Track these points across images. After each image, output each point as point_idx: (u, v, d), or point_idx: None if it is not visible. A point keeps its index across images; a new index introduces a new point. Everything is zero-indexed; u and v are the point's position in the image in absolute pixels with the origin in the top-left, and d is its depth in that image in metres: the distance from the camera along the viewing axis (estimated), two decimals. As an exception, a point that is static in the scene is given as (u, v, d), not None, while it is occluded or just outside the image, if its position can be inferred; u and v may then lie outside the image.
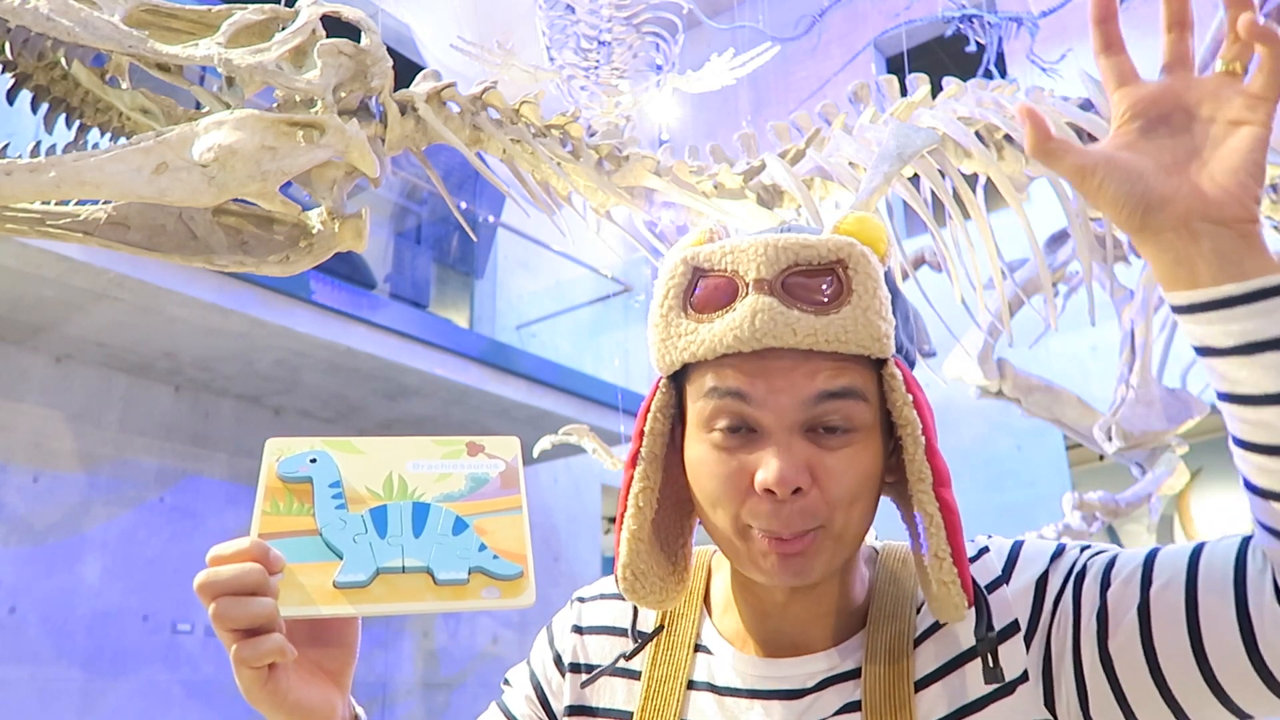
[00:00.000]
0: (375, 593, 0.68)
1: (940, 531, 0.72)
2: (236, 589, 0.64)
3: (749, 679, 0.80)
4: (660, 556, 0.82)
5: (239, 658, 0.65)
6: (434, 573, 0.69)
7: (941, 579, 0.72)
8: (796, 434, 0.72)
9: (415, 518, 0.72)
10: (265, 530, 0.70)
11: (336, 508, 0.72)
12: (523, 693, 0.93)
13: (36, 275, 4.48)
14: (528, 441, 5.03)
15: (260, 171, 1.73)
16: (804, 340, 0.71)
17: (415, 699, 7.05)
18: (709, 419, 0.75)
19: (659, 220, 2.57)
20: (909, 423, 0.73)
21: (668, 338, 0.76)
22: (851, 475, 0.73)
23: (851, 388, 0.73)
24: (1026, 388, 3.79)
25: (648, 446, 0.78)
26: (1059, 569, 0.76)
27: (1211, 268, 0.61)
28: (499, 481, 0.76)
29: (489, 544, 0.71)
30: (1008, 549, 0.80)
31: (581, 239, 2.82)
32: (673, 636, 0.86)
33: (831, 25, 7.37)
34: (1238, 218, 0.60)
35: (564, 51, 3.98)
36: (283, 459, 0.74)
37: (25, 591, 5.13)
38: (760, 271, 0.72)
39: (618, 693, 0.85)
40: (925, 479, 0.73)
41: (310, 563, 0.68)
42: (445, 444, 0.78)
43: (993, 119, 2.64)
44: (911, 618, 0.79)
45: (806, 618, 0.80)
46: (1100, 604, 0.71)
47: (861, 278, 0.72)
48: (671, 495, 0.83)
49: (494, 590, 0.69)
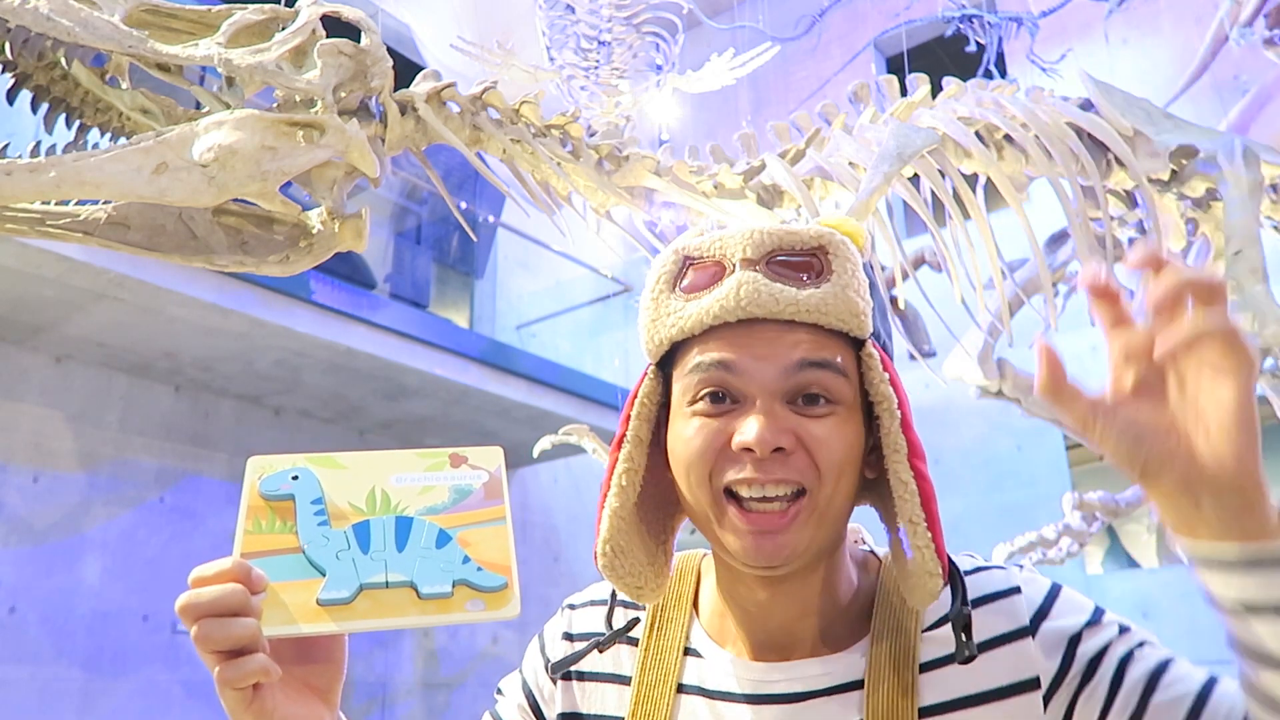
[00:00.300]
0: (359, 609, 0.68)
1: (915, 498, 0.73)
2: (219, 610, 0.64)
3: (740, 682, 0.80)
4: (643, 540, 0.82)
5: (223, 679, 0.65)
6: (418, 587, 0.68)
7: (916, 544, 0.72)
8: (778, 401, 0.74)
9: (398, 532, 0.72)
10: (248, 549, 0.70)
11: (319, 524, 0.72)
12: (515, 701, 0.93)
13: (36, 275, 4.49)
14: (528, 441, 5.00)
15: (260, 171, 1.73)
16: (786, 310, 0.74)
17: (415, 699, 7.05)
18: (694, 392, 0.76)
19: (659, 220, 2.57)
20: (886, 398, 0.75)
21: (657, 318, 0.79)
22: (837, 442, 0.74)
23: (832, 361, 0.75)
24: (1026, 388, 3.79)
25: (633, 430, 0.80)
26: (1097, 637, 0.75)
27: (1211, 528, 0.60)
28: (483, 492, 0.76)
29: (473, 556, 0.71)
30: (1040, 599, 0.79)
31: (581, 239, 2.82)
32: (662, 640, 0.86)
33: (831, 25, 7.37)
34: (1235, 483, 0.59)
35: (564, 51, 3.99)
36: (264, 477, 0.74)
37: (25, 591, 5.13)
38: (746, 253, 0.76)
39: (608, 698, 0.85)
40: (901, 450, 0.74)
41: (293, 581, 0.68)
42: (428, 456, 0.78)
43: (993, 119, 2.64)
44: (916, 634, 0.78)
45: (791, 616, 0.80)
46: (1137, 708, 0.71)
47: (841, 260, 0.76)
48: (657, 492, 0.83)
49: (479, 603, 0.69)
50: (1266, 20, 3.71)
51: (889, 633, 0.79)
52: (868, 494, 0.82)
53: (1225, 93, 5.78)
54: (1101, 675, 0.73)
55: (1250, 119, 3.64)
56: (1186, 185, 2.85)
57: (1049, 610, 0.77)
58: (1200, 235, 3.01)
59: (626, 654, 0.87)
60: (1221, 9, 3.85)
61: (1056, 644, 0.75)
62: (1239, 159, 2.77)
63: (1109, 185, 2.88)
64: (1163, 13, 6.79)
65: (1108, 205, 2.82)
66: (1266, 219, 3.05)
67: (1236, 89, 5.59)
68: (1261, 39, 3.70)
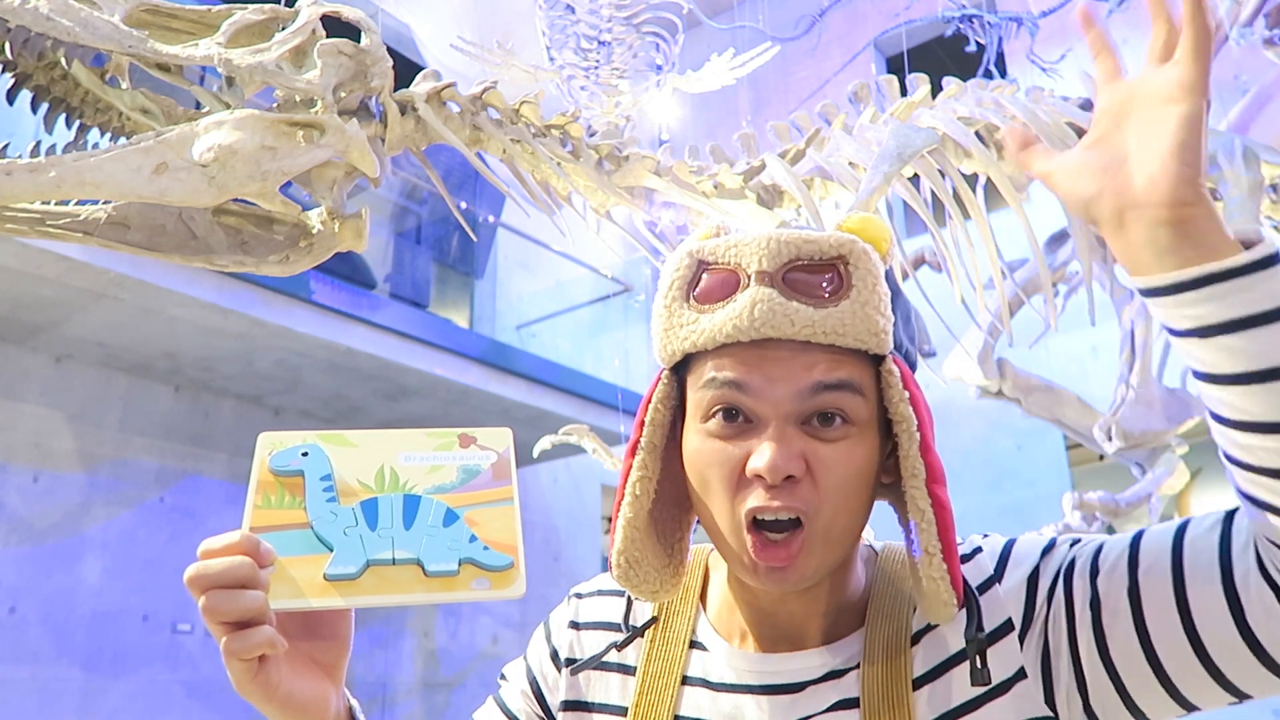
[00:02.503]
0: (365, 585, 0.68)
1: (931, 528, 0.72)
2: (226, 582, 0.64)
3: (743, 674, 0.81)
4: (656, 548, 0.82)
5: (229, 649, 0.65)
6: (424, 564, 0.69)
7: (930, 575, 0.72)
8: (792, 424, 0.73)
9: (406, 510, 0.72)
10: (257, 524, 0.70)
11: (328, 500, 0.72)
12: (519, 688, 0.93)
13: (36, 275, 4.48)
14: (528, 441, 5.00)
15: (260, 171, 1.73)
16: (801, 331, 0.72)
17: (415, 699, 7.05)
18: (707, 408, 0.75)
19: (659, 220, 2.56)
20: (904, 419, 0.74)
21: (670, 328, 0.77)
22: (845, 467, 0.73)
23: (848, 381, 0.73)
24: (1026, 388, 3.79)
25: (647, 436, 0.79)
26: (1050, 564, 0.76)
27: (1146, 257, 0.61)
28: (490, 473, 0.76)
29: (479, 535, 0.71)
30: (1000, 548, 0.80)
31: (581, 239, 2.82)
32: (668, 633, 0.86)
33: (831, 25, 7.37)
34: (1163, 202, 0.60)
35: (564, 51, 3.98)
36: (275, 453, 0.74)
37: (25, 591, 5.13)
38: (762, 264, 0.73)
39: (612, 688, 0.85)
40: (919, 475, 0.73)
41: (301, 556, 0.69)
42: (437, 436, 0.78)
43: (993, 119, 2.64)
44: (909, 616, 0.79)
45: (803, 615, 0.80)
46: (1091, 592, 0.71)
47: (862, 273, 0.73)
48: (671, 491, 0.83)
49: (484, 581, 0.69)
50: (1266, 20, 3.70)
51: (883, 618, 0.79)
52: (887, 493, 0.82)
53: (1225, 93, 5.78)
54: (1058, 591, 0.74)
55: (1250, 119, 3.64)
56: (1186, 185, 2.85)
57: (1008, 556, 0.78)
58: (1200, 235, 3.00)
59: (632, 645, 0.87)
60: (1221, 9, 3.85)
61: (1019, 585, 0.76)
62: (1239, 159, 2.77)
63: (1109, 185, 2.88)
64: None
65: (1108, 205, 2.81)
66: (1266, 219, 3.05)
67: (1236, 89, 5.58)
68: (1261, 39, 3.70)
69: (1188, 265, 0.60)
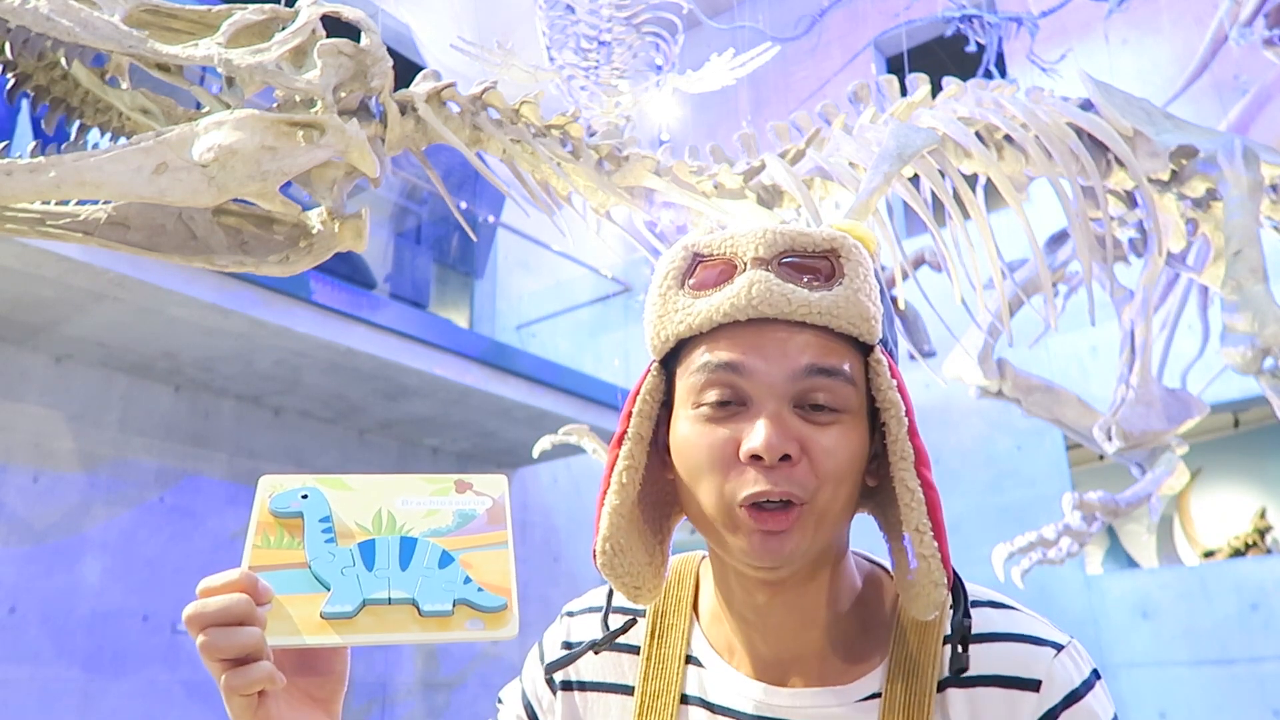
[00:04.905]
0: (361, 623, 0.69)
1: (921, 506, 0.73)
2: (225, 619, 0.65)
3: (746, 703, 0.79)
4: (641, 541, 0.81)
5: (229, 686, 0.65)
6: (419, 604, 0.70)
7: (922, 552, 0.72)
8: (786, 406, 0.73)
9: (403, 552, 0.74)
10: (256, 563, 0.71)
11: (326, 541, 0.73)
12: (514, 712, 0.93)
13: (36, 275, 4.48)
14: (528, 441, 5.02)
15: (260, 171, 1.73)
16: (797, 310, 0.73)
17: (415, 699, 7.04)
18: (699, 392, 0.75)
19: (659, 220, 2.57)
20: (893, 404, 0.75)
21: (664, 314, 0.78)
22: (841, 452, 0.73)
23: (840, 367, 0.74)
24: (1026, 388, 3.79)
25: (634, 427, 0.79)
26: None
27: None
28: (486, 517, 0.77)
29: (474, 577, 0.72)
30: (1072, 688, 0.75)
31: (581, 239, 2.82)
32: (664, 649, 0.85)
33: (831, 25, 7.37)
34: None
35: (564, 51, 3.98)
36: (275, 495, 0.76)
37: (25, 591, 5.13)
38: (759, 252, 0.75)
39: (611, 709, 0.85)
40: (908, 458, 0.74)
41: (299, 594, 0.70)
42: (434, 481, 0.80)
43: (993, 119, 2.64)
44: (934, 679, 0.76)
45: (792, 626, 0.79)
46: None
47: (853, 264, 0.76)
48: (653, 494, 0.83)
49: (478, 622, 0.71)
50: (1266, 20, 3.71)
51: (904, 675, 0.76)
52: (867, 502, 0.81)
53: (1225, 93, 5.78)
54: None
55: (1250, 119, 3.64)
56: (1186, 185, 2.85)
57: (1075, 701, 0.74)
58: (1200, 235, 3.01)
59: (628, 663, 0.86)
60: (1221, 9, 3.85)
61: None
62: (1239, 159, 2.77)
63: (1109, 185, 2.88)
64: (1163, 13, 6.78)
65: (1108, 205, 2.82)
66: (1266, 219, 3.05)
67: (1236, 89, 5.58)
68: (1261, 39, 3.70)
69: None
